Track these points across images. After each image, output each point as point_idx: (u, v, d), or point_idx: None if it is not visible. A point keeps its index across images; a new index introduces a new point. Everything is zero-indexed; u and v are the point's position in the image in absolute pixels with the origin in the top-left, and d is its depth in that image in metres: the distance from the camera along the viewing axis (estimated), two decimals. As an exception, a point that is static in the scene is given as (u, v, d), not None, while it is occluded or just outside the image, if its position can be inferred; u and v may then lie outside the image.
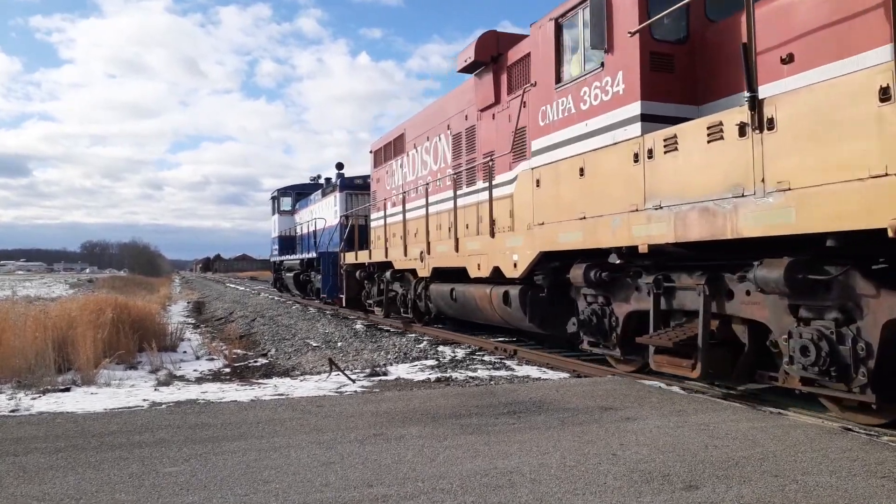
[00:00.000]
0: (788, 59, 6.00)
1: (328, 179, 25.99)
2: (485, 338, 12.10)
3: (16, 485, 3.84)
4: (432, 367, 9.60)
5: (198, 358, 13.22)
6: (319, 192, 25.52)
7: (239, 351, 14.35)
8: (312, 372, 10.43)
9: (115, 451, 4.55)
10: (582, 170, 7.87)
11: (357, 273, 18.03)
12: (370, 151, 18.22)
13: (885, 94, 4.63)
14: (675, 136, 6.50)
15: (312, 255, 23.67)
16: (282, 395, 7.22)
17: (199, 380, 10.07)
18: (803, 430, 4.81)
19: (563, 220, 8.23)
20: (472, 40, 11.09)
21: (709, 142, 6.07)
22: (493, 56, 10.84)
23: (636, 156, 6.98)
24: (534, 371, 8.92)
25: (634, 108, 7.16)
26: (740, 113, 5.75)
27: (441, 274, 12.70)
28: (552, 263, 8.97)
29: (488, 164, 10.84)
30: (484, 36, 11.00)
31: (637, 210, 6.97)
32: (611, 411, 5.53)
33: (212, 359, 13.07)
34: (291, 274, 27.79)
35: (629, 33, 7.17)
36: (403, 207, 14.52)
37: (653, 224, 6.75)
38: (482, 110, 11.34)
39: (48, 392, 7.78)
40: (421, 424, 5.17)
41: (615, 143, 7.36)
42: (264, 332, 18.15)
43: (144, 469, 4.10)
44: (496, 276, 10.13)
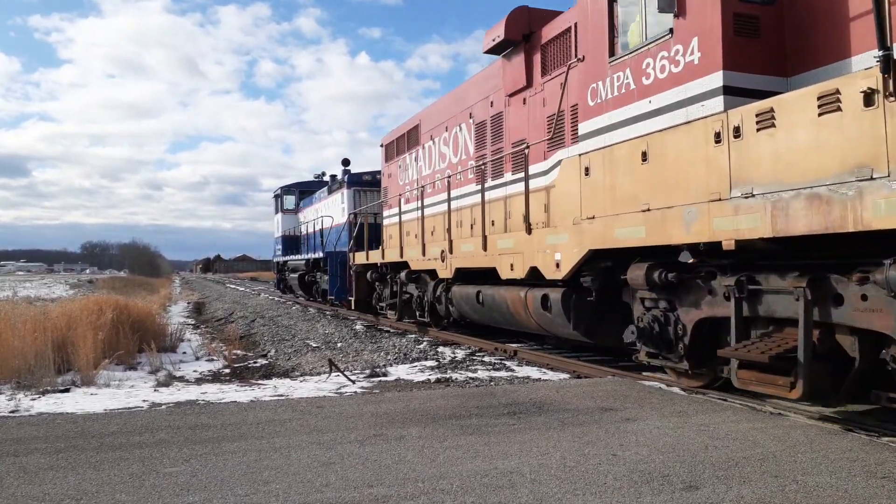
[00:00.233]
0: None
1: (333, 176, 25.14)
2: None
3: (16, 485, 3.84)
4: (432, 368, 9.60)
5: (197, 359, 13.22)
6: (325, 189, 24.70)
7: (239, 352, 14.36)
8: (312, 373, 10.44)
9: (115, 451, 4.55)
10: (645, 154, 6.90)
11: (368, 274, 17.06)
12: (381, 145, 17.45)
13: None
14: (771, 111, 5.53)
15: (319, 254, 22.64)
16: (282, 395, 7.23)
17: (199, 380, 10.07)
18: (803, 431, 4.82)
19: (620, 212, 7.25)
20: (487, 26, 10.21)
21: (820, 115, 5.14)
22: (524, 35, 9.91)
23: (718, 135, 6.05)
24: (534, 372, 8.93)
25: (714, 80, 6.19)
26: (865, 78, 4.84)
27: (464, 275, 11.77)
28: (602, 263, 8.00)
29: (521, 153, 9.88)
30: (515, 12, 10.04)
31: (720, 199, 6.03)
32: (611, 412, 5.54)
33: (211, 359, 13.07)
34: (296, 275, 26.93)
35: None
36: (421, 203, 13.65)
37: (741, 216, 5.77)
38: (511, 95, 10.47)
39: (48, 393, 7.79)
40: (421, 425, 5.18)
41: (688, 122, 6.44)
42: (264, 332, 18.16)
43: (144, 469, 4.10)
44: (532, 278, 9.22)
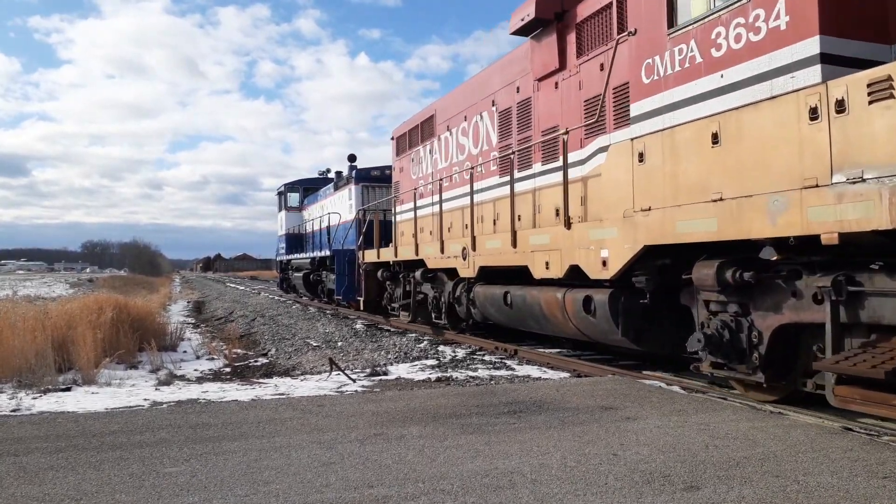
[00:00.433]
0: None
1: (339, 173, 24.36)
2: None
3: (16, 485, 3.84)
4: (433, 367, 9.60)
5: (198, 357, 13.23)
6: (331, 185, 23.96)
7: (239, 350, 14.36)
8: (313, 371, 10.44)
9: (115, 451, 4.55)
10: (716, 135, 6.16)
11: (379, 273, 16.18)
12: (391, 138, 16.66)
13: None
14: (889, 79, 4.73)
15: (325, 253, 21.83)
16: (282, 394, 7.22)
17: (200, 379, 10.07)
18: (804, 431, 4.81)
19: (684, 203, 6.48)
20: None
21: None
22: (556, 13, 9.18)
23: (814, 111, 5.27)
24: (534, 371, 8.92)
25: (809, 47, 5.39)
26: None
27: (488, 274, 10.96)
28: (659, 261, 7.21)
29: (553, 141, 9.13)
30: None
31: (816, 186, 5.23)
32: (611, 411, 5.53)
33: (212, 358, 13.08)
34: (300, 274, 26.15)
35: None
36: (440, 197, 12.71)
37: (846, 204, 4.98)
38: (541, 79, 9.71)
39: (49, 392, 7.79)
40: (421, 424, 5.17)
41: (774, 97, 5.64)
42: (264, 331, 18.16)
43: (145, 469, 4.10)
44: (572, 277, 8.39)
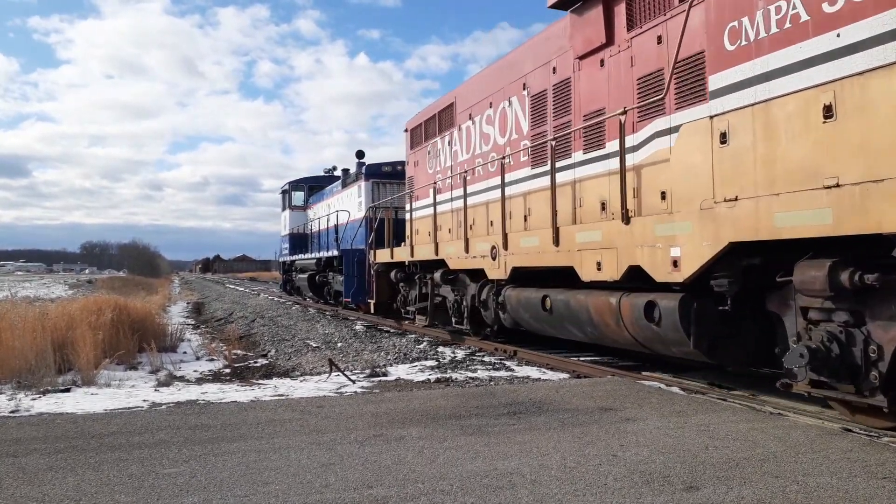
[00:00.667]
0: None
1: (346, 170, 23.68)
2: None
3: (15, 486, 3.84)
4: (432, 368, 9.60)
5: (198, 358, 13.23)
6: (339, 183, 23.16)
7: (239, 351, 14.36)
8: (312, 372, 10.44)
9: (114, 451, 4.54)
10: (829, 107, 5.26)
11: (392, 274, 15.26)
12: (405, 130, 15.69)
13: None
14: None
15: (333, 253, 20.73)
16: (282, 395, 7.22)
17: (199, 380, 10.07)
18: (803, 431, 4.81)
19: (785, 191, 5.56)
20: None
21: None
22: None
23: None
24: (534, 372, 8.92)
25: None
26: None
27: (521, 276, 10.00)
28: (745, 260, 6.22)
29: (597, 126, 8.25)
30: None
31: None
32: (611, 412, 5.53)
33: (212, 359, 13.08)
34: (305, 275, 25.19)
35: None
36: (464, 191, 11.70)
37: None
38: (583, 57, 8.68)
39: (48, 392, 7.79)
40: (421, 425, 5.17)
41: None
42: (264, 332, 18.16)
43: (144, 470, 4.10)
44: (630, 280, 7.38)
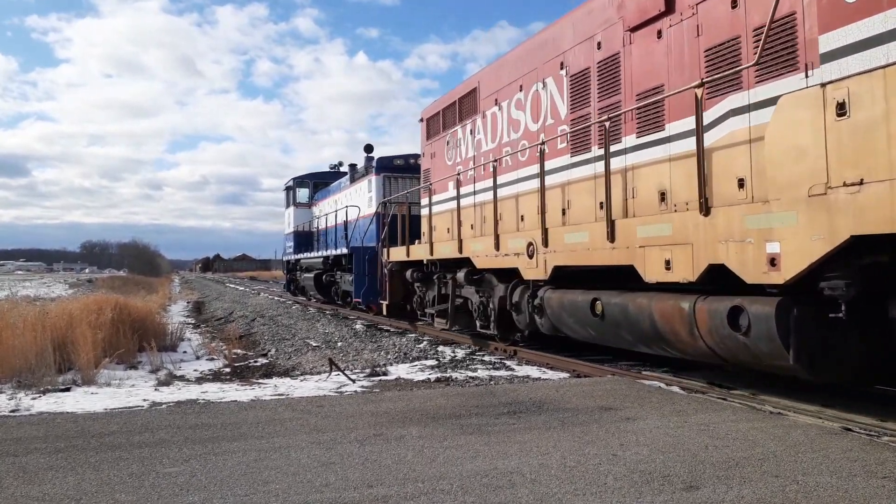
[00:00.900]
0: None
1: (353, 166, 22.97)
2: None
3: (16, 485, 3.84)
4: (432, 368, 9.61)
5: (198, 358, 13.23)
6: (346, 178, 22.34)
7: (239, 351, 14.36)
8: (312, 372, 10.44)
9: (114, 451, 4.55)
10: None
11: (408, 273, 14.35)
12: (420, 120, 14.83)
13: None
14: None
15: (342, 251, 19.71)
16: (282, 395, 7.22)
17: (200, 380, 10.07)
18: (803, 431, 4.82)
19: None
20: None
21: None
22: None
23: None
24: (534, 371, 8.92)
25: None
26: None
27: (562, 277, 8.91)
28: (867, 258, 5.33)
29: (654, 106, 7.42)
30: None
31: None
32: (611, 411, 5.54)
33: (212, 359, 13.07)
34: (311, 275, 24.15)
35: None
36: (494, 182, 10.67)
37: None
38: (635, 29, 7.90)
39: (48, 392, 7.79)
40: (421, 425, 5.17)
41: None
42: (264, 332, 18.16)
43: (144, 469, 4.10)
44: (708, 281, 6.35)
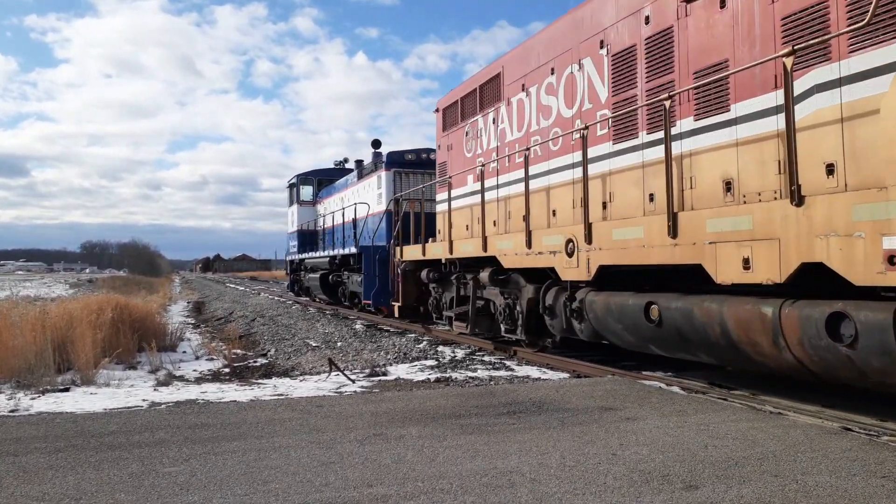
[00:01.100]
0: None
1: (360, 161, 22.17)
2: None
3: (15, 485, 3.84)
4: (432, 368, 9.61)
5: (197, 358, 13.22)
6: (354, 174, 21.39)
7: (238, 351, 14.36)
8: (312, 372, 10.44)
9: (114, 451, 4.55)
10: None
11: (423, 273, 13.55)
12: (435, 110, 14.09)
13: None
14: None
15: (350, 250, 18.79)
16: (281, 395, 7.22)
17: (199, 380, 10.07)
18: (803, 431, 4.82)
19: None
20: None
21: None
22: None
23: None
24: (534, 371, 8.92)
25: None
26: None
27: (605, 277, 7.92)
28: None
29: (714, 85, 6.60)
30: None
31: None
32: (611, 411, 5.54)
33: (211, 359, 13.07)
34: (316, 275, 23.16)
35: None
36: (526, 173, 9.62)
37: None
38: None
39: (48, 392, 7.78)
40: (421, 424, 5.18)
41: None
42: (264, 332, 18.16)
43: (144, 469, 4.10)
44: (796, 283, 5.48)
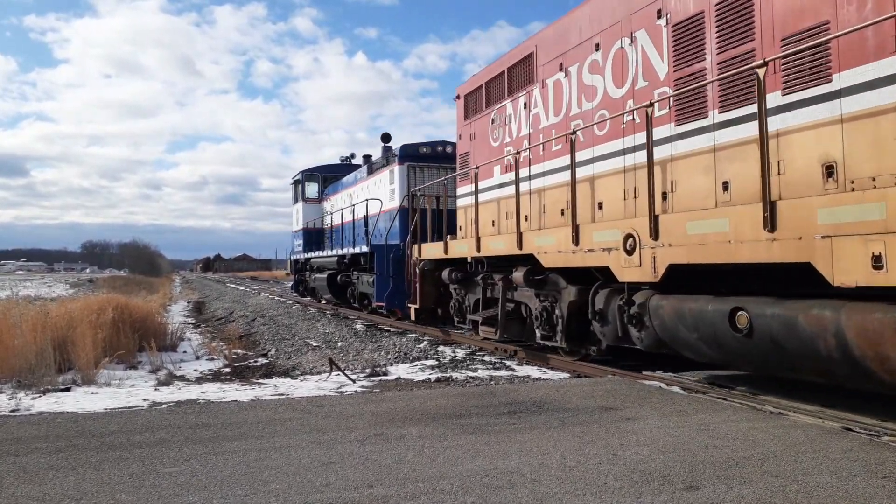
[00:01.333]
0: None
1: (368, 156, 21.19)
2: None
3: (16, 485, 3.84)
4: (432, 367, 9.61)
5: (198, 358, 13.23)
6: (363, 169, 20.09)
7: (239, 351, 14.37)
8: (313, 372, 10.44)
9: (115, 451, 4.55)
10: None
11: (444, 273, 12.38)
12: (456, 97, 12.96)
13: None
14: None
15: (361, 249, 17.58)
16: (282, 395, 7.22)
17: (200, 380, 10.07)
18: (803, 431, 4.82)
19: None
20: None
21: None
22: None
23: None
24: (534, 371, 8.92)
25: None
26: None
27: (669, 278, 6.77)
28: None
29: (820, 49, 5.53)
30: None
31: None
32: (611, 411, 5.53)
33: (212, 359, 13.08)
34: (324, 275, 21.98)
35: None
36: (572, 161, 8.41)
37: None
38: None
39: (48, 392, 7.78)
40: (421, 424, 5.17)
41: None
42: (264, 331, 18.17)
43: (144, 469, 4.10)
44: None
